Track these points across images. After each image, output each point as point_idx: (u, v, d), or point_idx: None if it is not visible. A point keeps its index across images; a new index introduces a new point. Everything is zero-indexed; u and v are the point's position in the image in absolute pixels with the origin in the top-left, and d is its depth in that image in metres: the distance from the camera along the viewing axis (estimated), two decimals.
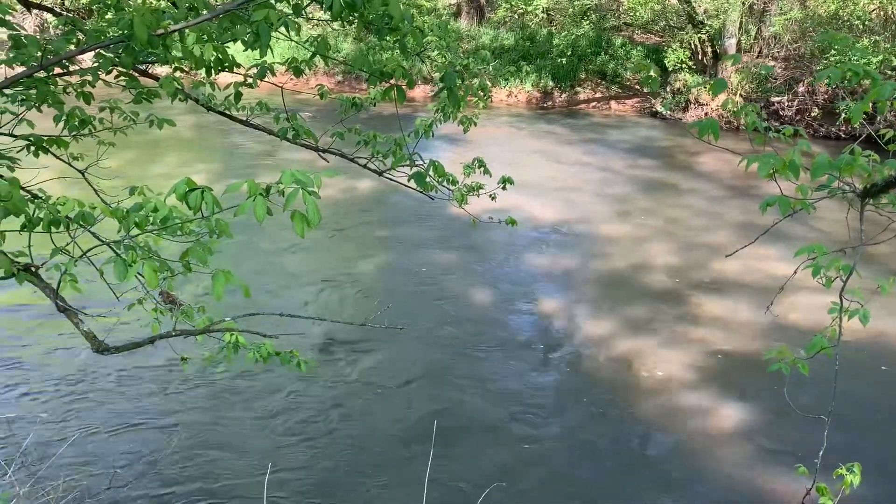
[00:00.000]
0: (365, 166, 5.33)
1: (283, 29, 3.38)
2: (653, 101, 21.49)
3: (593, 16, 24.43)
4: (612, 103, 22.73)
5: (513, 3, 25.79)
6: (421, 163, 4.56)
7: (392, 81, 4.09)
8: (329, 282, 9.75)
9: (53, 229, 2.68)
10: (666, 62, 20.62)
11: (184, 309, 4.70)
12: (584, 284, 9.98)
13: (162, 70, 5.62)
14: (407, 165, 4.61)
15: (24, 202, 2.44)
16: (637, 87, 22.81)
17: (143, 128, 5.24)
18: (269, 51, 3.23)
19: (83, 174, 5.14)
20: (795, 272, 3.18)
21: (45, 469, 4.53)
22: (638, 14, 22.69)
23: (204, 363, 6.85)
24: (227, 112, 5.34)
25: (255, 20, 3.06)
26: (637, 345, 8.27)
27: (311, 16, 4.41)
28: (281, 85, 5.14)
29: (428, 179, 4.72)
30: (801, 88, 19.31)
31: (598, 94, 23.16)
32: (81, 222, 2.85)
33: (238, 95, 4.84)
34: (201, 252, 2.97)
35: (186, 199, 2.53)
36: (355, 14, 3.52)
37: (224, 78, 4.32)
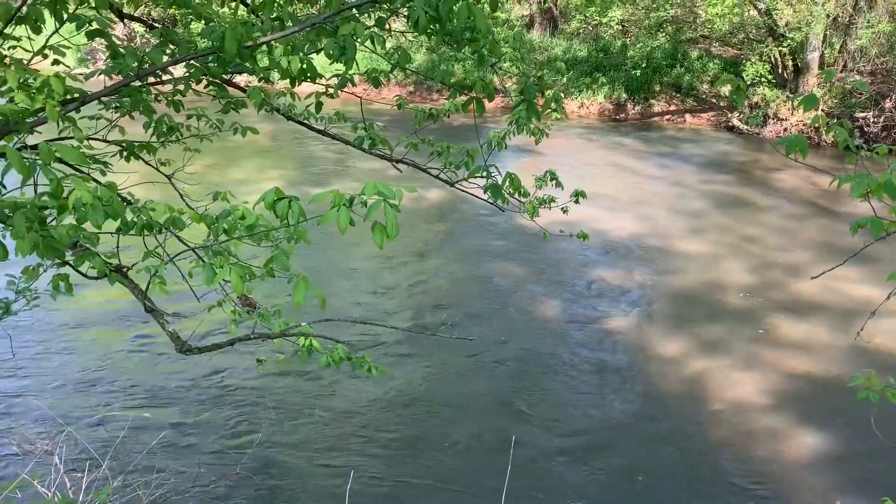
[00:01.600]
0: (437, 177, 5.37)
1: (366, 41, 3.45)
2: (729, 114, 20.98)
3: (669, 28, 24.02)
4: (687, 116, 22.29)
5: (587, 15, 25.61)
6: (497, 174, 4.56)
7: (472, 94, 4.10)
8: (397, 290, 9.84)
9: (146, 233, 2.79)
10: (744, 75, 20.10)
11: (261, 312, 4.81)
12: (655, 301, 9.78)
13: (240, 79, 5.79)
14: (482, 177, 4.62)
15: (121, 206, 2.54)
16: (713, 100, 22.32)
17: (223, 134, 5.42)
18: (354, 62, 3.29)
19: (170, 179, 5.35)
20: (889, 296, 3.05)
21: (134, 464, 4.69)
22: (716, 26, 22.20)
23: (280, 365, 7.01)
24: (306, 121, 5.47)
25: (342, 33, 3.12)
26: (710, 365, 8.05)
27: (387, 26, 4.48)
28: (360, 96, 5.23)
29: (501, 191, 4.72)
30: (888, 104, 18.53)
31: (673, 107, 22.75)
32: (171, 227, 2.96)
33: (319, 105, 4.94)
34: (284, 259, 3.04)
35: (274, 208, 2.60)
36: (437, 26, 3.55)
37: (302, 88, 4.43)
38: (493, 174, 4.54)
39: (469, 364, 7.96)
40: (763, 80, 20.17)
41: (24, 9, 3.57)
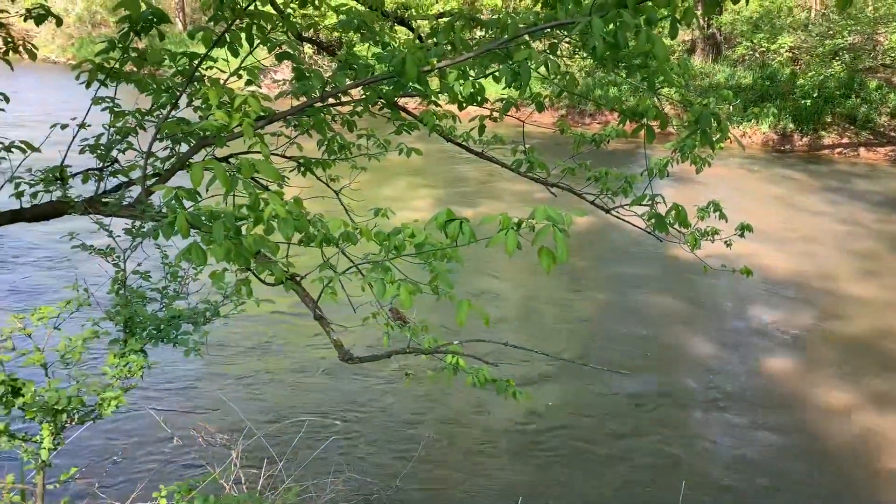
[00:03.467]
0: (592, 202, 5.29)
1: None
2: None
3: (846, 56, 22.49)
4: (862, 150, 20.72)
5: (754, 41, 24.49)
6: (661, 203, 4.43)
7: (639, 121, 4.03)
8: (544, 315, 9.76)
9: (325, 245, 2.94)
10: None
11: (411, 327, 4.93)
12: (820, 347, 9.10)
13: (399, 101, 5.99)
14: (646, 205, 4.50)
15: (306, 221, 2.70)
16: (892, 133, 20.61)
17: (384, 153, 5.63)
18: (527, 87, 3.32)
19: (337, 194, 5.62)
20: None
21: (305, 465, 4.92)
22: None
23: (431, 380, 7.14)
24: (465, 143, 5.57)
25: (517, 59, 3.16)
26: (882, 421, 7.36)
27: (560, 52, 4.49)
28: (522, 120, 5.26)
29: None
30: None
31: (846, 140, 21.23)
32: (346, 241, 3.11)
33: (482, 128, 5.01)
34: (447, 277, 3.10)
35: (445, 228, 2.66)
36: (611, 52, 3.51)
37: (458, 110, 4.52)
38: (657, 203, 4.42)
39: (617, 397, 7.72)
40: None
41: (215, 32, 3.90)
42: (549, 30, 3.54)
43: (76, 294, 2.89)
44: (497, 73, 3.43)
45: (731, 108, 22.17)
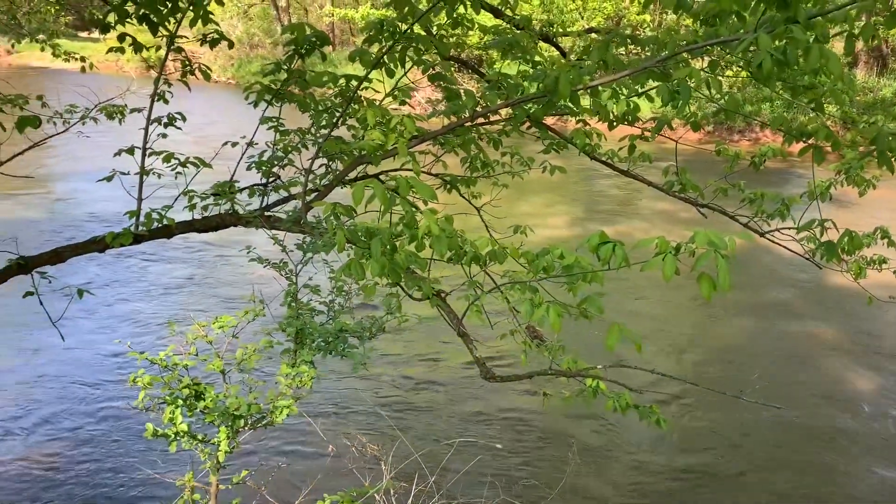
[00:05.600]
0: (746, 225, 5.02)
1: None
2: None
3: None
4: None
5: None
6: (832, 228, 4.14)
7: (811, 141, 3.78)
8: (690, 341, 9.35)
9: (474, 263, 2.97)
10: None
11: (548, 346, 4.85)
12: None
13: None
14: (810, 231, 4.21)
15: (457, 239, 2.73)
16: None
17: (520, 170, 5.59)
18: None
19: (479, 211, 5.66)
20: None
21: (453, 482, 4.97)
22: None
23: (565, 402, 7.02)
24: (610, 161, 5.45)
25: (676, 77, 3.06)
26: None
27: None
28: (676, 139, 5.09)
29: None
30: None
31: None
32: (493, 259, 3.12)
33: (632, 148, 4.88)
34: (597, 300, 3.03)
35: (598, 251, 2.60)
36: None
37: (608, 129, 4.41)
38: (828, 227, 4.12)
39: (767, 432, 7.25)
40: None
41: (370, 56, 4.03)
42: (709, 47, 3.40)
43: (253, 305, 3.08)
44: (652, 92, 3.33)
45: None
